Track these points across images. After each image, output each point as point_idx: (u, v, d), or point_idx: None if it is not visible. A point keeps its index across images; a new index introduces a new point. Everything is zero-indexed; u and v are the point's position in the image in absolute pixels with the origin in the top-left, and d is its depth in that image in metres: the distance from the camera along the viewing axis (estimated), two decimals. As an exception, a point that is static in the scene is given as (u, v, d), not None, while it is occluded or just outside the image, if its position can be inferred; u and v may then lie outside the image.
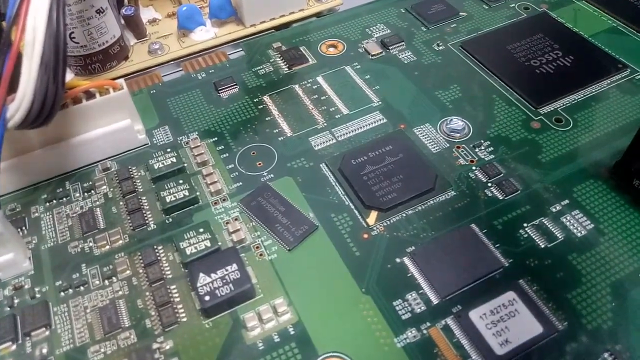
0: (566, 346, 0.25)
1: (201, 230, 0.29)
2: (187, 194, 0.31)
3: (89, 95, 0.32)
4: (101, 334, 0.27)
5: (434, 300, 0.27)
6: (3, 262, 0.28)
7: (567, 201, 0.30)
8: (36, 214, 0.32)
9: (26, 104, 0.27)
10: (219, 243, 0.29)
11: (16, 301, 0.28)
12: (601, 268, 0.27)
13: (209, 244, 0.29)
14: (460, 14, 0.43)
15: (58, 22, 0.27)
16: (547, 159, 0.32)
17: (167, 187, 0.31)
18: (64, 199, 0.32)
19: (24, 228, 0.31)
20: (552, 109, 0.35)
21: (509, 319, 0.26)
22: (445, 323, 0.26)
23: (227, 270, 0.27)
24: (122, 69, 0.40)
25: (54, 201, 0.32)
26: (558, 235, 0.29)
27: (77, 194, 0.32)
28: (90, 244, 0.30)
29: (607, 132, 0.33)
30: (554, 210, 0.30)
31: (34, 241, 0.31)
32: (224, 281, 0.27)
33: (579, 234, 0.29)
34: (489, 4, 0.43)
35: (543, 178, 0.31)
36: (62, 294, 0.28)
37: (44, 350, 0.26)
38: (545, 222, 0.29)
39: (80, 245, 0.30)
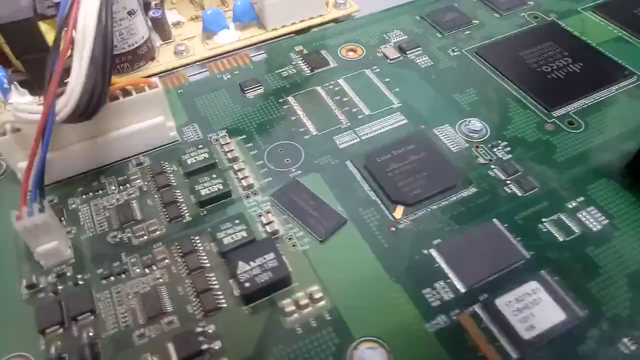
0: (588, 332, 0.27)
1: (237, 221, 0.31)
2: (220, 187, 0.32)
3: (126, 92, 0.33)
4: (144, 318, 0.28)
5: (461, 289, 0.28)
6: (47, 250, 0.29)
7: (582, 198, 0.32)
8: (73, 206, 0.33)
9: (75, 98, 0.28)
10: (254, 234, 0.30)
11: (60, 287, 0.29)
12: (617, 260, 0.29)
13: (245, 235, 0.30)
14: (473, 21, 0.45)
15: (107, 22, 0.28)
16: (561, 159, 0.34)
17: (201, 181, 0.33)
18: (100, 191, 0.33)
19: (62, 219, 0.32)
20: (564, 112, 0.37)
21: (533, 307, 0.27)
22: (473, 310, 0.28)
23: (265, 258, 0.29)
24: (148, 69, 0.41)
25: (90, 194, 0.33)
26: (575, 229, 0.31)
27: (113, 187, 0.34)
28: (129, 235, 0.31)
29: (617, 134, 0.35)
30: (570, 206, 0.32)
31: (73, 231, 0.32)
32: (263, 269, 0.28)
33: (594, 229, 0.31)
34: (500, 13, 0.45)
35: (559, 177, 0.33)
36: (104, 281, 0.29)
37: (90, 334, 0.27)
38: (562, 217, 0.31)
39: (118, 236, 0.31)
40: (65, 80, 0.28)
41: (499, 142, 0.35)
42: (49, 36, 0.38)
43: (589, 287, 0.28)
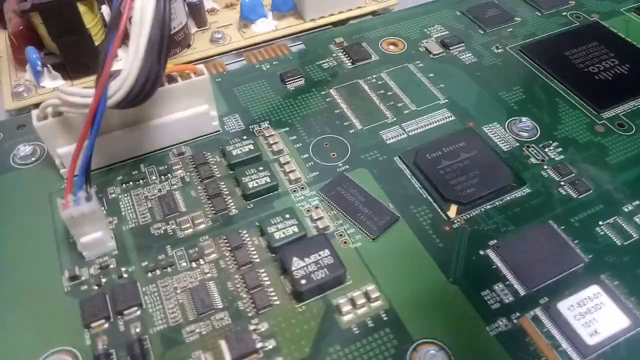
0: (653, 339, 0.26)
1: (287, 216, 0.30)
2: (268, 180, 0.32)
3: (170, 78, 0.32)
4: (194, 314, 0.27)
5: (521, 291, 0.28)
6: (91, 240, 0.28)
7: (638, 202, 0.31)
8: (113, 195, 0.32)
9: (130, 82, 0.27)
10: (305, 230, 0.29)
11: (103, 280, 0.28)
12: (678, 265, 0.28)
13: (296, 230, 0.29)
14: (515, 19, 0.44)
15: (165, 3, 0.27)
16: (614, 161, 0.33)
17: (247, 174, 0.32)
18: (141, 181, 0.32)
19: (103, 208, 0.31)
20: (613, 114, 0.36)
21: (595, 311, 0.27)
22: (534, 314, 0.27)
23: (319, 255, 0.28)
24: (184, 57, 0.40)
25: (130, 183, 0.32)
26: (633, 233, 0.30)
27: (154, 177, 0.33)
28: (173, 226, 0.30)
29: (669, 138, 0.35)
30: (626, 210, 0.31)
31: (114, 222, 0.31)
32: (318, 265, 0.27)
33: (653, 233, 0.30)
34: (542, 11, 0.45)
35: (612, 179, 0.32)
36: (150, 274, 0.28)
37: (137, 329, 0.26)
38: (619, 220, 0.30)
39: (162, 227, 0.30)
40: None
41: (550, 142, 0.34)
42: (86, 18, 0.37)
43: (651, 293, 0.27)
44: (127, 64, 0.27)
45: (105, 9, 0.41)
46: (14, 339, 0.26)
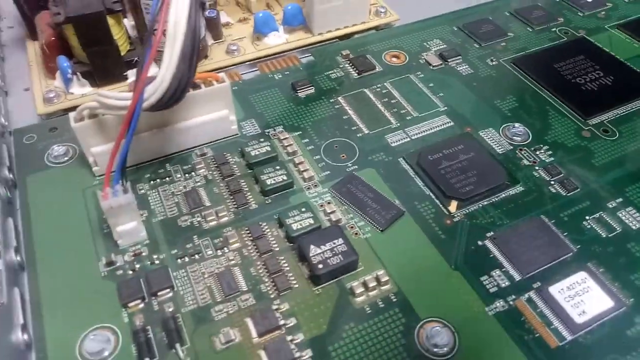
0: (635, 318, 0.29)
1: (303, 209, 0.33)
2: (284, 178, 0.34)
3: (194, 85, 0.35)
4: (222, 296, 0.30)
5: (516, 277, 0.31)
6: (126, 229, 0.31)
7: (620, 199, 0.35)
8: (142, 191, 0.35)
9: (163, 88, 0.30)
10: (320, 222, 0.32)
11: (137, 266, 0.31)
12: (658, 255, 0.31)
13: (312, 222, 0.32)
14: (508, 34, 0.47)
15: (196, 18, 0.30)
16: (599, 163, 0.37)
17: (265, 172, 0.35)
18: (167, 178, 0.35)
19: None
20: (599, 120, 0.40)
21: (583, 294, 0.30)
22: (528, 296, 0.30)
23: (334, 243, 0.31)
24: (202, 67, 0.43)
25: (158, 180, 0.35)
26: (616, 227, 0.33)
27: (179, 175, 0.35)
28: (199, 219, 0.33)
29: (649, 142, 0.38)
30: (610, 206, 0.34)
31: (144, 214, 0.33)
32: (333, 252, 0.30)
33: (634, 227, 0.33)
34: (533, 27, 0.48)
35: (598, 179, 0.36)
36: (179, 261, 0.31)
37: (170, 309, 0.29)
38: (604, 215, 0.34)
39: (189, 220, 0.33)
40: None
41: (541, 146, 0.38)
42: (114, 30, 0.40)
43: (633, 278, 0.31)
44: (161, 71, 0.30)
45: (127, 22, 0.44)
46: (59, 319, 0.29)
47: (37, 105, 0.40)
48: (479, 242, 0.32)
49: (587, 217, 0.33)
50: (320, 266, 0.30)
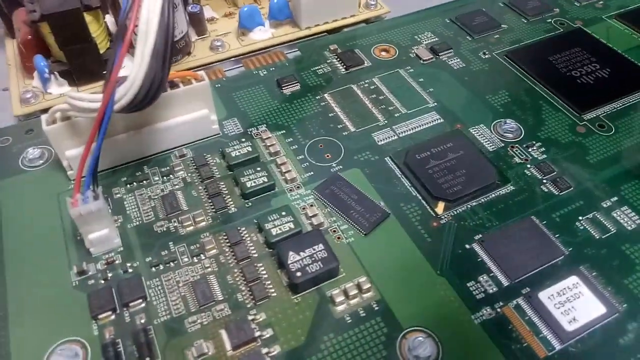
0: (627, 325, 0.28)
1: (283, 213, 0.32)
2: (265, 180, 0.33)
3: (172, 84, 0.34)
4: (196, 306, 0.28)
5: (504, 282, 0.29)
6: (98, 237, 0.30)
7: (615, 198, 0.33)
8: (118, 195, 0.33)
9: (135, 88, 0.29)
10: (301, 226, 0.31)
11: (109, 275, 0.30)
12: (653, 258, 0.30)
13: (292, 226, 0.31)
14: (502, 26, 0.46)
15: (169, 14, 0.29)
16: (594, 160, 0.35)
17: (246, 174, 0.33)
18: (144, 181, 0.34)
19: (109, 207, 0.33)
20: (594, 115, 0.38)
21: (574, 300, 0.28)
22: (516, 303, 0.29)
23: (314, 249, 0.29)
24: (185, 64, 0.42)
25: (134, 183, 0.34)
26: (610, 228, 0.32)
27: (157, 178, 0.34)
28: (175, 224, 0.32)
29: (647, 137, 0.36)
30: (604, 205, 0.33)
31: (119, 220, 0.32)
32: (313, 259, 0.29)
33: (629, 227, 0.32)
34: (527, 18, 0.47)
35: (592, 177, 0.34)
36: (153, 269, 0.30)
37: (142, 320, 0.28)
38: (598, 216, 0.32)
39: (165, 225, 0.32)
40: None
41: (534, 142, 0.36)
42: (92, 27, 0.38)
43: (626, 282, 0.29)
44: (132, 70, 0.28)
45: (109, 19, 0.43)
46: (26, 331, 0.28)
47: (13, 106, 0.39)
48: (467, 246, 0.31)
49: (580, 218, 0.32)
50: (299, 274, 0.28)
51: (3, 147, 0.36)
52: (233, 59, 0.43)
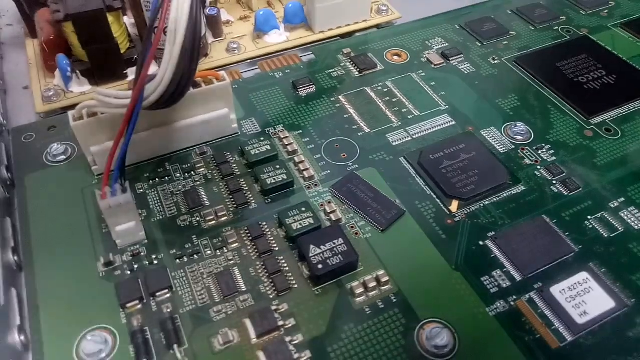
0: (636, 319, 0.29)
1: (303, 209, 0.33)
2: (284, 177, 0.34)
3: (195, 84, 0.35)
4: (220, 296, 0.29)
5: (517, 277, 0.30)
6: (125, 229, 0.31)
7: (623, 199, 0.34)
8: (141, 190, 0.34)
9: (164, 85, 0.30)
10: (320, 222, 0.32)
11: (135, 266, 0.31)
12: (659, 255, 0.31)
13: (312, 222, 0.32)
14: (510, 32, 0.47)
15: (197, 13, 0.30)
16: (601, 162, 0.36)
17: (265, 171, 0.34)
18: (166, 178, 0.35)
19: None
20: (601, 120, 0.39)
21: (585, 295, 0.30)
22: (529, 297, 0.30)
23: (334, 243, 0.30)
24: (202, 65, 0.43)
25: (157, 179, 0.35)
26: (618, 227, 0.33)
27: (178, 174, 0.35)
28: (198, 219, 0.33)
29: (652, 142, 0.38)
30: (612, 206, 0.34)
31: (143, 214, 0.33)
32: (333, 252, 0.30)
33: (636, 227, 0.33)
34: (535, 26, 0.48)
35: (600, 179, 0.35)
36: (178, 261, 0.31)
37: (169, 310, 0.29)
38: (606, 215, 0.33)
39: (188, 219, 0.33)
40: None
41: (543, 145, 0.37)
42: (114, 27, 0.40)
43: (634, 279, 0.30)
44: (161, 68, 0.29)
45: (126, 20, 0.44)
46: (56, 319, 0.28)
47: (36, 104, 0.40)
48: (480, 242, 0.32)
49: (589, 217, 0.33)
50: (320, 266, 0.29)
51: (27, 143, 0.37)
52: (249, 61, 0.45)
